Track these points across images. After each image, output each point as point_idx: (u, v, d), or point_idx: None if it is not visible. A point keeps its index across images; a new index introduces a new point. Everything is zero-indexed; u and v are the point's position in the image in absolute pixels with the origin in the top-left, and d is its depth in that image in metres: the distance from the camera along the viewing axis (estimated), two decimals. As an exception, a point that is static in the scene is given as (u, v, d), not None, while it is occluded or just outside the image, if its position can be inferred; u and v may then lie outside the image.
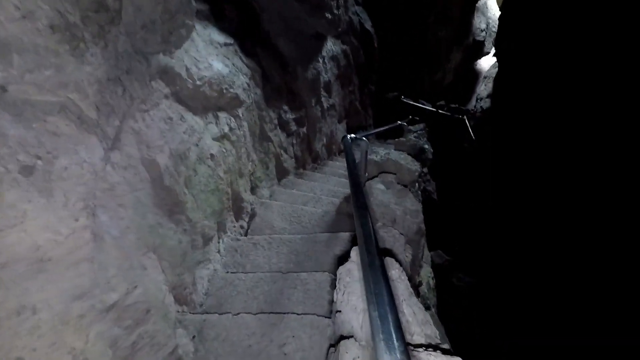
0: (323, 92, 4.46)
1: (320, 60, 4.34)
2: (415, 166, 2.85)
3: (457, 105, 8.82)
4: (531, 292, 5.16)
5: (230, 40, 3.05)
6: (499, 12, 16.73)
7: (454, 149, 6.71)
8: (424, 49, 9.56)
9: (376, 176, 2.56)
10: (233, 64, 2.88)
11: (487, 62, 14.76)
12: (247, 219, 2.85)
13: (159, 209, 1.75)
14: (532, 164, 6.10)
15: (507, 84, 7.87)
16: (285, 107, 3.75)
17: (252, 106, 3.05)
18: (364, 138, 2.57)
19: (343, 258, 2.16)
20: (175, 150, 1.89)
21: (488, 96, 9.06)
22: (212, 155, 2.28)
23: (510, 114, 7.09)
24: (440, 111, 7.31)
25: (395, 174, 2.63)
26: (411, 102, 7.40)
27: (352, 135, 2.69)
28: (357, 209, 1.23)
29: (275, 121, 3.56)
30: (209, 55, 2.55)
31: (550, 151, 5.54)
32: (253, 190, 3.06)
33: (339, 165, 4.66)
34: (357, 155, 2.77)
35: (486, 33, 14.41)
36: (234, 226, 2.65)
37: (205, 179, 2.17)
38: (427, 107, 7.54)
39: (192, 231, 1.97)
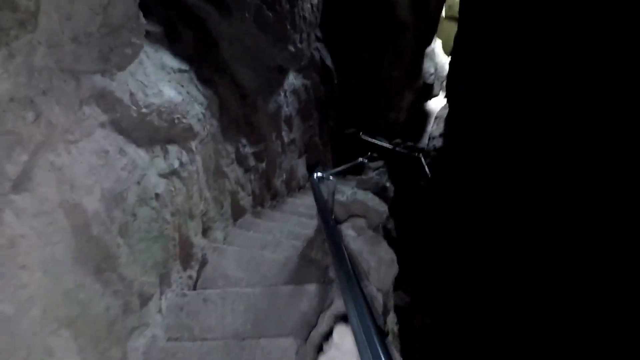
0: (284, 126, 4.27)
1: (282, 94, 4.18)
2: (383, 208, 2.68)
3: (413, 144, 9.10)
4: (495, 325, 5.11)
5: (185, 66, 2.78)
6: (447, 58, 18.07)
7: (411, 185, 6.80)
8: (380, 88, 9.90)
9: (346, 220, 2.34)
10: (188, 92, 2.59)
11: (436, 104, 15.70)
12: (197, 268, 2.46)
13: (81, 267, 1.37)
14: (486, 196, 6.31)
15: (457, 123, 8.30)
16: (244, 141, 3.48)
17: (208, 139, 2.75)
18: (331, 177, 2.36)
19: (309, 318, 1.87)
20: (110, 191, 1.54)
21: (440, 135, 9.50)
22: (157, 195, 1.92)
23: (462, 151, 7.41)
24: (397, 149, 7.47)
25: (364, 217, 2.42)
26: (369, 139, 7.49)
27: (320, 174, 2.48)
28: (349, 293, 0.96)
29: (233, 155, 3.26)
30: (160, 80, 2.25)
31: (500, 183, 5.75)
32: (205, 233, 2.69)
33: (299, 203, 4.41)
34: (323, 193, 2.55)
35: (434, 77, 15.38)
36: (181, 277, 2.25)
37: (147, 224, 1.81)
38: (385, 145, 7.67)
39: (125, 292, 1.58)
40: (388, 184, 4.45)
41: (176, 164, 2.22)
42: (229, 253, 2.60)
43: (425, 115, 15.59)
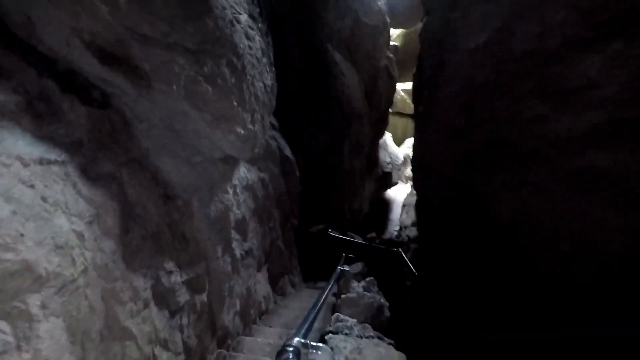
0: (234, 234, 3.10)
1: (230, 191, 3.11)
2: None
3: (390, 237, 8.17)
4: None
5: (58, 156, 1.66)
6: (398, 149, 18.63)
7: (397, 288, 5.62)
8: (342, 179, 9.28)
9: None
10: (45, 198, 1.43)
11: (395, 192, 15.54)
12: None
13: None
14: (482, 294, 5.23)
15: (428, 213, 7.60)
16: (170, 265, 2.24)
17: (85, 279, 1.51)
18: (322, 346, 1.18)
19: None
20: None
21: (413, 224, 8.73)
22: None
23: (440, 244, 6.52)
24: (374, 245, 6.43)
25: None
26: (340, 236, 6.44)
27: (300, 340, 1.29)
28: None
29: (147, 293, 1.98)
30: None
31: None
32: None
33: (263, 344, 2.99)
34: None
35: (392, 166, 15.47)
36: None
37: None
38: (358, 241, 6.64)
39: None
40: (383, 300, 3.30)
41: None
42: None
43: (386, 203, 15.25)
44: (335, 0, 8.49)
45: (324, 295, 2.63)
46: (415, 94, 8.07)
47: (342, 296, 3.41)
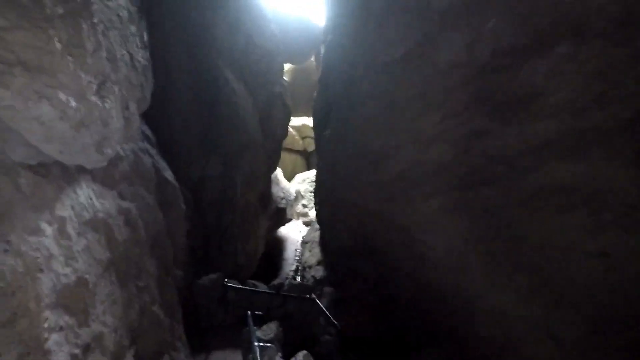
0: (55, 317, 1.55)
1: (49, 229, 1.59)
2: None
3: (299, 281, 6.97)
4: None
5: None
6: (289, 184, 18.00)
7: (318, 349, 4.44)
8: (236, 213, 7.88)
9: None
10: None
11: (287, 229, 14.67)
12: None
13: None
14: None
15: (338, 249, 6.80)
16: None
17: None
18: None
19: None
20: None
21: (318, 263, 7.77)
22: None
23: (360, 283, 5.70)
24: (282, 292, 5.15)
25: None
26: (240, 286, 5.00)
27: None
28: None
29: None
30: None
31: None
32: None
33: None
34: None
35: (285, 201, 14.60)
36: None
37: None
38: (263, 290, 5.27)
39: None
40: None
41: None
42: None
43: (280, 242, 14.16)
44: (225, 15, 7.52)
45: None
46: (317, 120, 7.44)
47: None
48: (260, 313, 4.17)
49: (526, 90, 3.04)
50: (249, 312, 3.88)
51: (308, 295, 5.24)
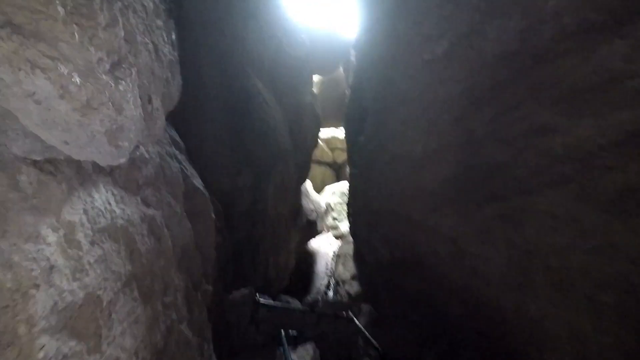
0: (57, 342, 1.30)
1: (53, 237, 1.36)
2: None
3: (334, 298, 6.60)
4: None
5: None
6: (319, 196, 17.76)
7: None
8: (267, 226, 7.66)
9: None
10: None
11: (318, 242, 14.36)
12: None
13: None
14: None
15: (375, 264, 6.37)
16: None
17: None
18: None
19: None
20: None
21: (353, 278, 7.36)
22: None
23: (400, 302, 5.24)
24: (316, 310, 4.80)
25: None
26: (272, 302, 4.70)
27: None
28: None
29: None
30: None
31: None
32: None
33: None
34: None
35: (316, 214, 14.30)
36: None
37: None
38: (295, 306, 4.94)
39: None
40: None
41: None
42: None
43: (310, 254, 13.83)
44: (256, 24, 7.48)
45: None
46: (350, 127, 7.14)
47: None
48: (294, 333, 3.84)
49: (602, 77, 2.60)
50: (283, 332, 3.56)
51: (345, 313, 4.85)
